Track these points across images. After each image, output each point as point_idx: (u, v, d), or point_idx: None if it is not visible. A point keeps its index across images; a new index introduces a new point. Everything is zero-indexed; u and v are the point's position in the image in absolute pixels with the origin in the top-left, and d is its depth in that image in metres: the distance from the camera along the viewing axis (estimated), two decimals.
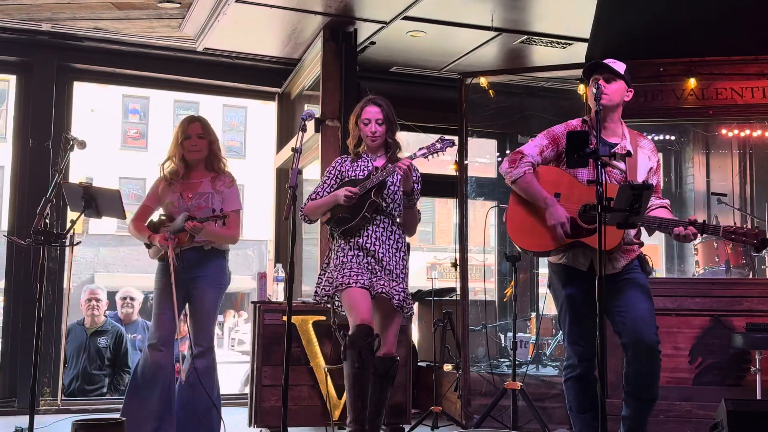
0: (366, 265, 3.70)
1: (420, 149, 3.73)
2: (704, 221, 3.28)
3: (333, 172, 3.91)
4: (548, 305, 5.43)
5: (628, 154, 3.32)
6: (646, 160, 3.50)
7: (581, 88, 5.33)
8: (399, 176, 3.72)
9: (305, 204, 3.86)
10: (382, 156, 3.88)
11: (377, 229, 3.75)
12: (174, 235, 3.98)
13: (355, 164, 3.88)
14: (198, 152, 4.17)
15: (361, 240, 3.72)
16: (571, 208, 3.35)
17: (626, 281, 3.39)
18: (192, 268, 4.07)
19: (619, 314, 3.34)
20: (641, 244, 3.54)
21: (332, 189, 3.83)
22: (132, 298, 6.79)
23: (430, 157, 3.75)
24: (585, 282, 3.32)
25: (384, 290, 3.67)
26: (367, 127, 3.84)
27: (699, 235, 3.25)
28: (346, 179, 3.84)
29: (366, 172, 3.81)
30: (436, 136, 3.81)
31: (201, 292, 4.08)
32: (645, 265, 3.48)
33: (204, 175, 4.19)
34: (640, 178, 3.43)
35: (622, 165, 3.41)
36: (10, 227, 6.08)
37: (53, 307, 5.94)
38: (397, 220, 3.84)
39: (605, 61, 3.46)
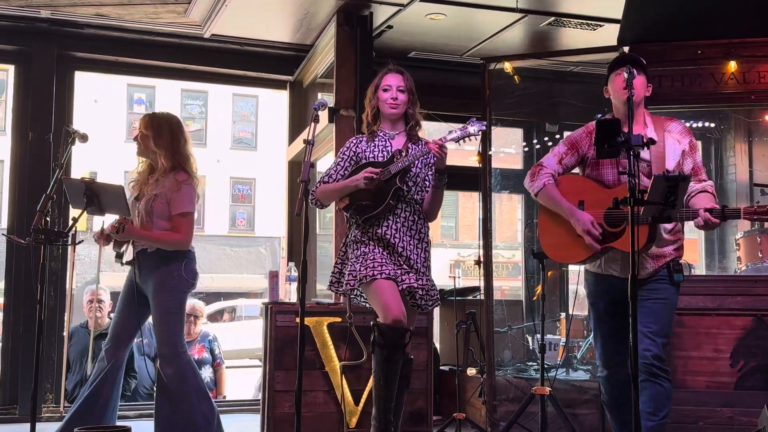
0: (388, 255, 3.64)
1: (450, 132, 3.63)
2: (723, 207, 3.27)
3: (348, 153, 3.81)
4: (579, 305, 5.40)
5: (651, 141, 3.31)
6: (675, 144, 3.51)
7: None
8: (424, 159, 3.68)
9: (316, 187, 3.78)
10: (401, 134, 3.81)
11: (398, 219, 3.68)
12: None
13: (372, 144, 3.78)
14: (150, 148, 4.20)
15: (380, 230, 3.65)
16: (597, 213, 3.46)
17: (644, 297, 3.42)
18: (143, 271, 4.08)
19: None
20: (678, 246, 3.55)
21: (347, 172, 3.75)
22: None
23: (461, 142, 3.66)
24: (616, 289, 3.47)
25: (412, 285, 3.62)
26: (387, 93, 3.76)
27: (720, 220, 3.25)
28: (363, 161, 3.74)
29: (385, 153, 3.73)
30: (458, 125, 3.76)
31: (151, 297, 4.07)
32: (673, 275, 3.51)
33: (152, 175, 4.18)
34: (670, 165, 3.44)
35: (645, 155, 3.42)
36: (10, 225, 6.14)
37: (55, 309, 6.00)
38: (419, 206, 3.75)
39: (626, 54, 3.52)
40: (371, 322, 3.63)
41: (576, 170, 3.73)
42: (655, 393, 3.43)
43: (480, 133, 3.67)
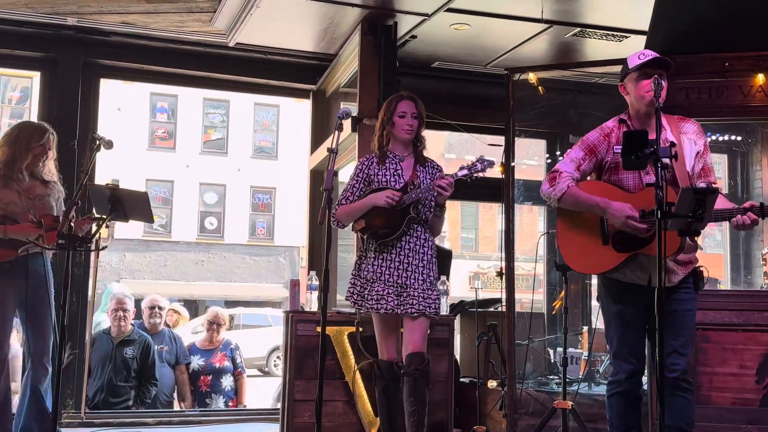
0: (396, 278, 4.03)
1: (461, 169, 4.02)
2: (761, 203, 3.19)
3: (361, 175, 4.16)
4: (602, 318, 5.35)
5: (673, 145, 3.26)
6: (691, 146, 3.45)
7: None
8: (434, 192, 3.99)
9: (336, 209, 4.11)
10: (409, 155, 4.18)
11: (411, 240, 4.07)
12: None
13: (383, 167, 4.13)
14: (45, 162, 4.38)
15: (394, 251, 4.05)
16: None
17: (672, 308, 3.36)
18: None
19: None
20: (696, 252, 3.50)
21: (362, 193, 4.11)
22: (160, 308, 6.88)
23: (469, 179, 4.03)
24: (640, 296, 3.37)
25: (414, 309, 4.01)
26: (403, 119, 4.11)
27: (759, 219, 3.19)
28: (375, 184, 4.10)
29: (396, 177, 4.10)
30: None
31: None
32: (698, 282, 3.46)
33: (32, 179, 4.34)
34: (689, 166, 3.40)
35: (666, 159, 3.35)
36: None
37: (77, 315, 6.03)
38: (427, 224, 4.15)
39: (660, 56, 3.44)
40: (372, 359, 4.29)
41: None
42: (682, 407, 3.38)
43: (486, 170, 4.06)
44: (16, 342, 5.96)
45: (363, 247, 4.18)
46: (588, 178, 3.59)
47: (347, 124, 5.51)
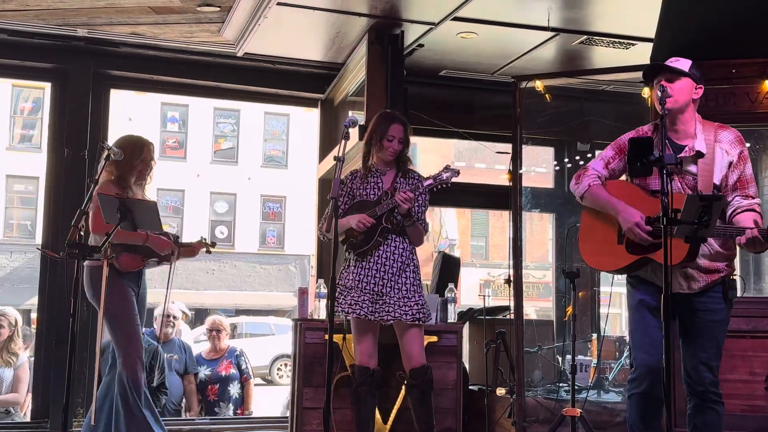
0: (373, 287, 4.23)
1: (427, 179, 4.27)
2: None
3: (345, 189, 4.41)
4: (611, 325, 5.33)
5: (699, 155, 3.24)
6: (723, 156, 3.39)
7: (646, 92, 5.26)
8: (417, 190, 4.23)
9: (322, 223, 4.34)
10: (391, 170, 4.41)
11: (388, 249, 4.29)
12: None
13: (366, 182, 4.38)
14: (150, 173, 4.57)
15: (372, 259, 4.27)
16: None
17: (699, 318, 3.35)
18: None
19: (685, 350, 3.45)
20: (731, 261, 3.43)
21: (346, 206, 4.36)
22: (174, 317, 6.91)
23: (436, 188, 4.23)
24: (661, 294, 3.26)
25: (389, 316, 4.21)
26: (391, 143, 4.35)
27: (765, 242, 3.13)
28: (357, 198, 4.35)
29: (376, 190, 4.34)
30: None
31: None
32: (728, 291, 3.39)
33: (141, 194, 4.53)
34: (717, 178, 3.35)
35: (692, 168, 3.35)
36: (45, 240, 6.23)
37: (88, 323, 6.04)
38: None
39: (666, 62, 3.44)
40: (349, 365, 4.49)
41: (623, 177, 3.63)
42: (709, 420, 3.36)
43: (452, 179, 4.23)
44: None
45: (345, 257, 4.39)
46: (623, 177, 3.61)
47: (354, 132, 5.47)
